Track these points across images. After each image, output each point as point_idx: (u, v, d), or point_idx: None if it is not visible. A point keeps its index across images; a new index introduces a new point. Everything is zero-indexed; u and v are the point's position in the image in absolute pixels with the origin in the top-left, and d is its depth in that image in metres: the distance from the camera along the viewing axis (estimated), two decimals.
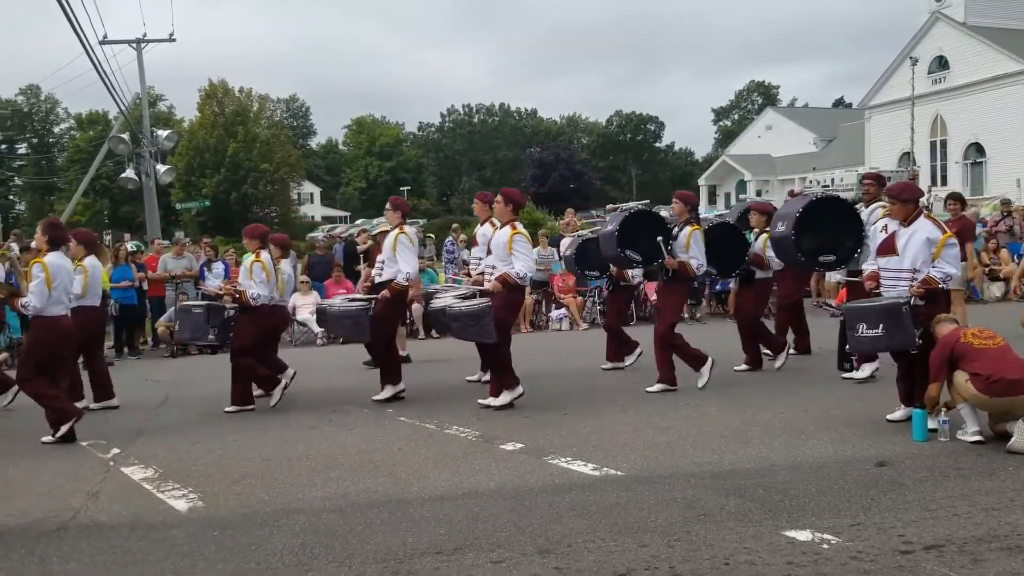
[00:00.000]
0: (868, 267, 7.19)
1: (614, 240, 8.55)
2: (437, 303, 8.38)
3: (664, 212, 36.37)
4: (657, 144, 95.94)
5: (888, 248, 6.69)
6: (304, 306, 14.20)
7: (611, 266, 9.52)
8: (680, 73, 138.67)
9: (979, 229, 16.96)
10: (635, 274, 9.78)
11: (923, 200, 7.59)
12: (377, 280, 8.63)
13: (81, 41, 17.72)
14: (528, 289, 14.61)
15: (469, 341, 7.92)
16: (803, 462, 5.69)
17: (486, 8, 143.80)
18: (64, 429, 7.08)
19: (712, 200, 64.41)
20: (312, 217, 75.27)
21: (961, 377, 5.93)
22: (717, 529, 4.48)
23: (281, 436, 7.06)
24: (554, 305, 14.83)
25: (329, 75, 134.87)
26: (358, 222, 47.33)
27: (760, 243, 9.32)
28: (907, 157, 43.29)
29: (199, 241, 18.83)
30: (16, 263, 9.64)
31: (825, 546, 4.19)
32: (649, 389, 8.32)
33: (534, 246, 10.81)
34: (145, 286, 13.93)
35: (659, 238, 8.28)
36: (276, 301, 8.58)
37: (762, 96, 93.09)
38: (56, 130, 79.01)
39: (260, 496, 5.42)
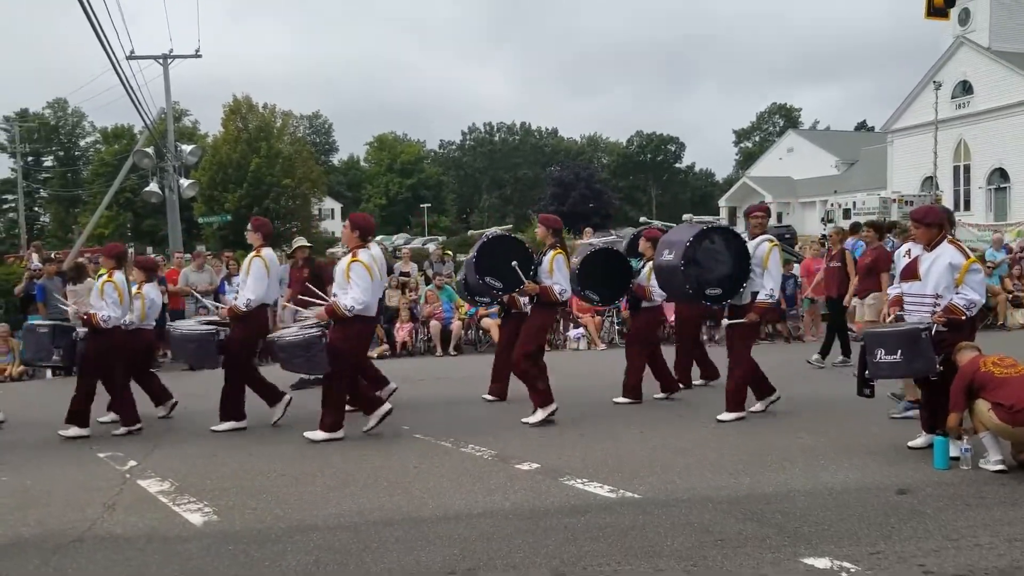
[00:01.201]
0: (892, 291, 7.14)
1: (472, 267, 8.37)
2: (277, 334, 7.95)
3: (644, 220, 36.28)
4: (677, 164, 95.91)
5: (911, 273, 6.63)
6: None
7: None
8: (702, 94, 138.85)
9: (1003, 255, 16.82)
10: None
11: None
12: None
13: (109, 56, 17.90)
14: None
15: (297, 373, 7.65)
16: (822, 488, 5.63)
17: (514, 27, 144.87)
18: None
19: (733, 221, 64.28)
20: (333, 233, 75.60)
21: (983, 406, 5.85)
22: (734, 555, 4.42)
23: (298, 451, 7.06)
24: (572, 324, 14.79)
25: (352, 92, 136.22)
26: (378, 238, 47.50)
27: (646, 272, 8.97)
28: (930, 181, 42.97)
29: (220, 255, 18.97)
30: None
31: (844, 574, 4.13)
32: (526, 420, 7.94)
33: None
34: (165, 299, 14.01)
35: (513, 263, 8.06)
36: (136, 325, 8.47)
37: (784, 118, 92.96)
38: (82, 143, 80.00)
39: (275, 512, 5.42)
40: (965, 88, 43.81)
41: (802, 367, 11.32)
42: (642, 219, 12.78)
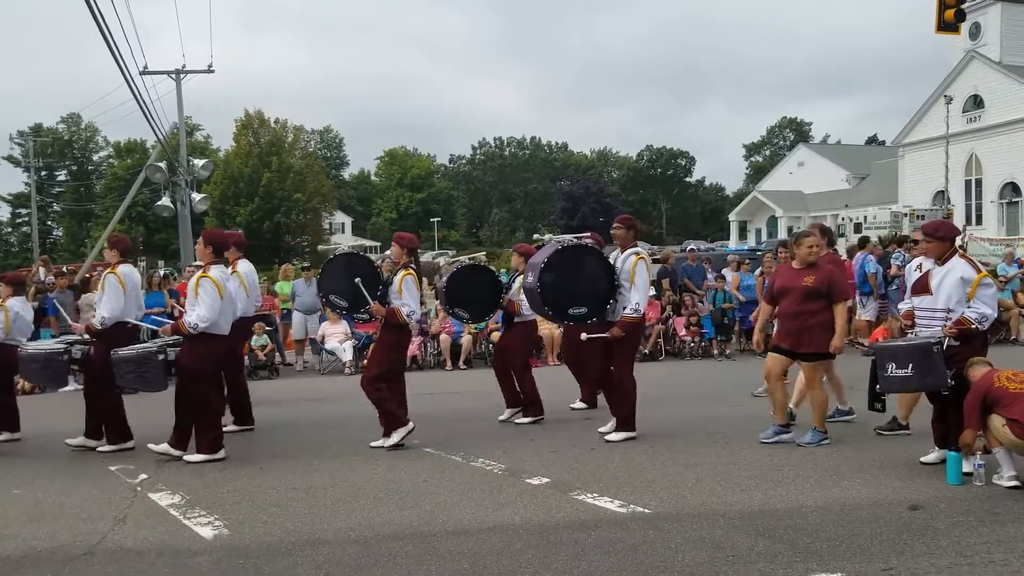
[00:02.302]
0: (903, 306, 7.13)
1: (317, 285, 8.21)
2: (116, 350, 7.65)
3: (691, 244, 35.76)
4: (687, 179, 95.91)
5: (922, 287, 6.62)
6: (333, 335, 14.28)
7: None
8: (712, 108, 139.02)
9: (1015, 270, 16.74)
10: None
11: (959, 239, 7.45)
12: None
13: (122, 71, 18.06)
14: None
15: (129, 388, 7.57)
16: (834, 504, 5.59)
17: (527, 42, 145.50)
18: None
19: (743, 236, 64.16)
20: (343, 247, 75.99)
21: (997, 421, 5.81)
22: (746, 570, 4.40)
23: (308, 465, 7.07)
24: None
25: (363, 106, 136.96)
26: (387, 252, 47.61)
27: (516, 287, 8.93)
28: (941, 195, 42.84)
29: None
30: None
31: None
32: (375, 444, 7.71)
33: None
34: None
35: (357, 279, 7.90)
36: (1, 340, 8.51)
37: (794, 132, 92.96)
38: (95, 158, 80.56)
39: (285, 525, 5.42)
40: (976, 102, 43.72)
41: None
42: (535, 236, 12.31)
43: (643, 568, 4.48)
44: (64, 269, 21.99)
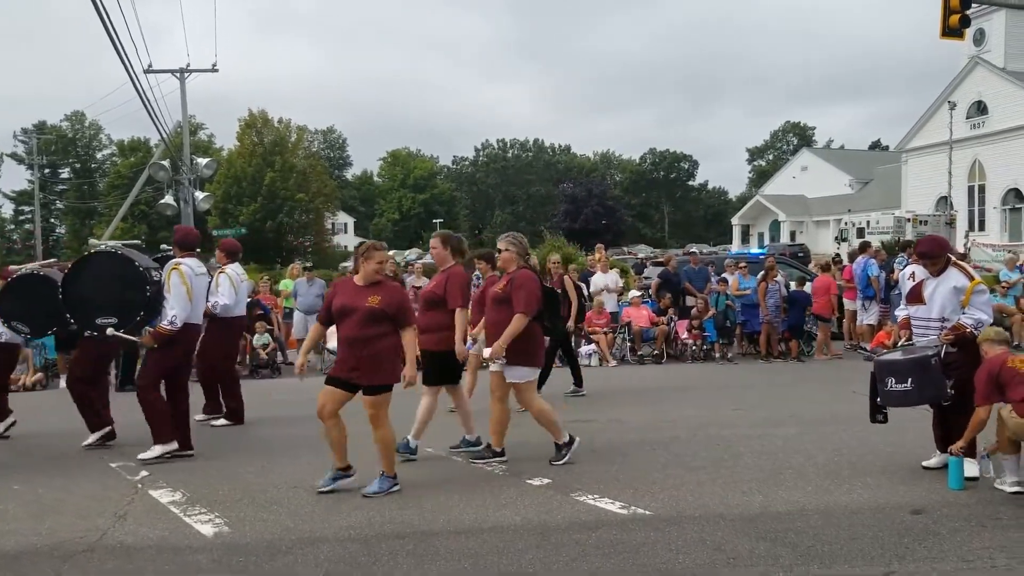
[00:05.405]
0: (899, 313, 7.11)
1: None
2: None
3: (693, 248, 35.57)
4: (690, 182, 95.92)
5: (916, 296, 6.63)
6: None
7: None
8: (716, 113, 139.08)
9: (1017, 275, 16.71)
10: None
11: (962, 244, 7.42)
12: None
13: (127, 70, 18.11)
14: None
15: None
16: (836, 507, 5.58)
17: (536, 46, 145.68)
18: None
19: (745, 240, 64.16)
20: (345, 247, 75.95)
21: (1005, 411, 5.81)
22: (746, 573, 4.39)
23: (310, 463, 7.05)
24: (584, 340, 14.76)
25: (367, 107, 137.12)
26: (391, 253, 47.64)
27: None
28: (944, 201, 42.85)
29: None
30: None
31: None
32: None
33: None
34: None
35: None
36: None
37: (797, 137, 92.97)
38: (99, 156, 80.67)
39: (286, 523, 5.41)
40: (980, 108, 43.74)
41: (816, 384, 11.25)
42: (90, 240, 11.22)
43: (644, 570, 4.47)
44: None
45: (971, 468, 6.04)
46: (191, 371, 8.40)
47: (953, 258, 6.67)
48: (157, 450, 7.22)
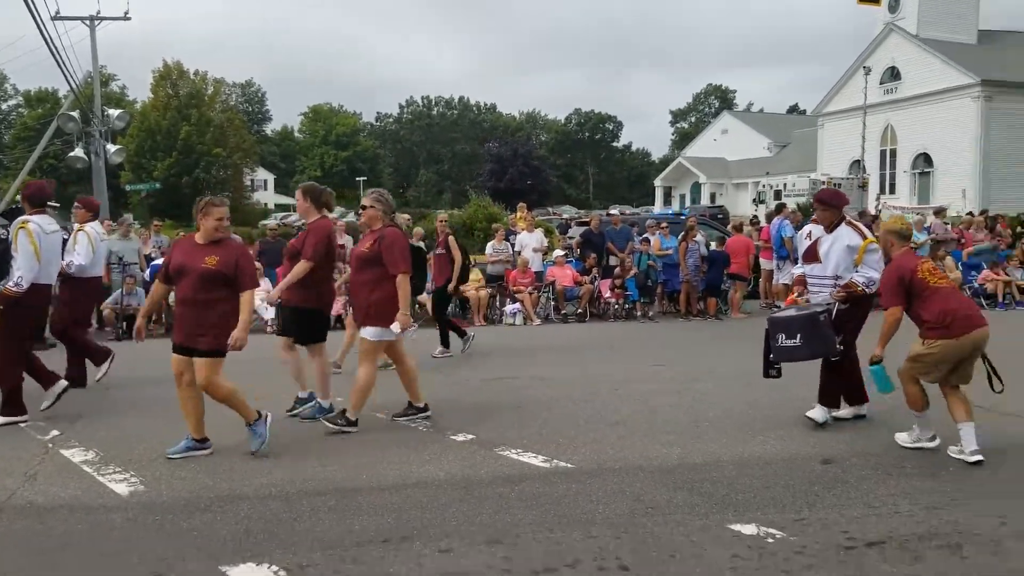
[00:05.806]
0: (796, 271, 7.31)
1: None
2: None
3: (614, 210, 35.61)
4: (615, 144, 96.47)
5: (812, 255, 6.81)
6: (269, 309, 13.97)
7: None
8: (641, 75, 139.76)
9: (924, 236, 17.32)
10: None
11: (873, 207, 7.62)
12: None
13: (33, 16, 17.26)
14: (480, 282, 14.54)
15: None
16: (750, 458, 5.75)
17: (462, 2, 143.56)
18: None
19: (668, 201, 65.00)
20: (265, 204, 74.34)
21: (917, 346, 5.77)
22: (664, 522, 4.50)
23: (228, 424, 6.91)
24: (508, 299, 14.81)
25: (287, 60, 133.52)
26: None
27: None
28: (857, 165, 44.03)
29: (151, 224, 18.49)
30: None
31: (770, 540, 4.24)
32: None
33: (487, 240, 10.73)
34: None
35: None
36: None
37: (719, 100, 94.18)
38: (3, 107, 76.93)
39: (204, 482, 5.32)
40: (893, 74, 44.88)
41: (733, 341, 11.52)
42: None
43: (565, 520, 4.54)
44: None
45: (819, 413, 6.46)
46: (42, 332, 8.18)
47: (847, 217, 6.86)
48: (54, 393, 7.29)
